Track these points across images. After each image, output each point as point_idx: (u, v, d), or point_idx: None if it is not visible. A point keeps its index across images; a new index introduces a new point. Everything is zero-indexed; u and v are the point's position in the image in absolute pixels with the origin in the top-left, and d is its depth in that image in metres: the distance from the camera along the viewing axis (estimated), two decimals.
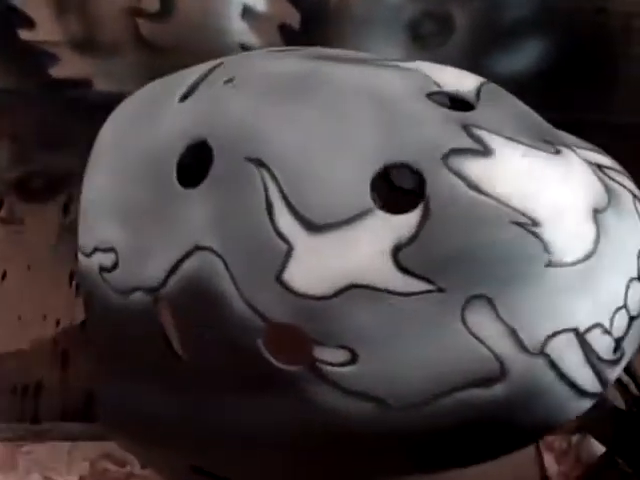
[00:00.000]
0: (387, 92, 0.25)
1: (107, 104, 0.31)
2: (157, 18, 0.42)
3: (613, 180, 0.28)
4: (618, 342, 0.25)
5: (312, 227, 0.23)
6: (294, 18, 0.41)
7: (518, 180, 0.24)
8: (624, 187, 0.28)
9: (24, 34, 0.43)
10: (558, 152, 0.26)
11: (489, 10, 0.40)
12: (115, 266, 0.26)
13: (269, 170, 0.24)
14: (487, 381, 0.24)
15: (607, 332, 0.25)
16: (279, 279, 0.23)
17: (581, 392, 0.25)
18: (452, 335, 0.23)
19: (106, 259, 0.27)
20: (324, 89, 0.25)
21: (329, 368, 0.24)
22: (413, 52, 0.42)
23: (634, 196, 0.28)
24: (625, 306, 0.25)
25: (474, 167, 0.24)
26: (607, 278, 0.25)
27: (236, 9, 0.41)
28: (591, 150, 0.29)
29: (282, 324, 0.24)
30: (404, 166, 0.24)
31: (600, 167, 0.28)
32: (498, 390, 0.24)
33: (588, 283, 0.25)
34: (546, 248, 0.24)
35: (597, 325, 0.25)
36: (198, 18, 0.42)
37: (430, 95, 0.25)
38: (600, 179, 0.27)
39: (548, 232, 0.24)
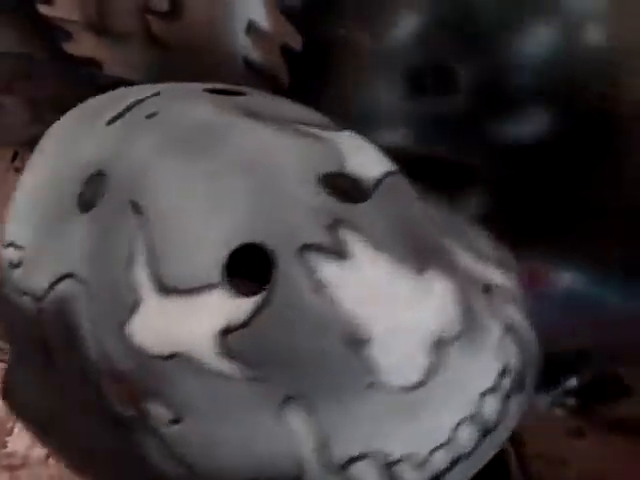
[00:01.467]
0: (276, 167, 0.25)
1: (116, 87, 0.32)
2: (167, 17, 0.42)
3: (487, 308, 0.27)
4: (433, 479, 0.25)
5: (162, 287, 0.24)
6: (296, 41, 0.40)
7: (360, 294, 0.24)
8: (496, 318, 0.27)
9: (42, 8, 0.44)
10: (421, 272, 0.25)
11: (493, 72, 0.38)
12: (19, 265, 0.28)
13: (143, 218, 0.24)
14: None
15: (420, 467, 0.24)
16: (123, 329, 0.24)
17: None
18: (266, 428, 0.24)
19: (14, 255, 0.28)
20: (220, 151, 0.25)
21: (156, 422, 0.25)
22: (414, 102, 0.40)
23: (507, 329, 0.27)
24: (449, 444, 0.25)
25: (325, 269, 0.23)
26: (433, 413, 0.25)
27: (241, 23, 0.41)
28: (492, 265, 0.28)
29: (123, 371, 0.24)
30: (262, 248, 0.24)
31: (487, 288, 0.27)
32: None
33: (410, 413, 0.24)
34: (371, 369, 0.24)
35: (409, 457, 0.24)
36: (205, 24, 0.42)
37: (326, 176, 0.25)
38: (464, 308, 0.26)
39: (377, 353, 0.24)
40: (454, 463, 0.25)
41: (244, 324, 0.23)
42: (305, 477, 0.24)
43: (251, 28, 0.41)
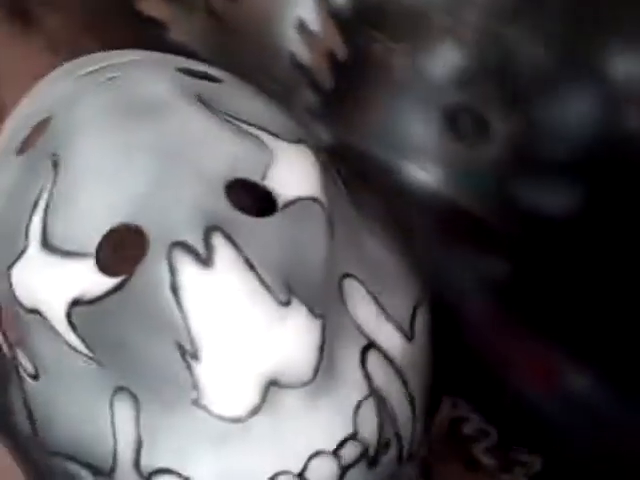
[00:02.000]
0: (193, 160, 0.24)
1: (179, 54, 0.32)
2: None
3: (355, 368, 0.25)
4: None
5: (45, 242, 0.24)
6: (341, 49, 0.38)
7: (207, 306, 0.23)
8: (361, 381, 0.25)
9: None
10: (284, 305, 0.23)
11: (527, 131, 0.35)
12: None
13: (56, 171, 0.24)
14: (94, 471, 0.24)
15: None
16: (9, 272, 0.24)
17: None
18: (97, 411, 0.24)
19: None
20: (150, 128, 0.24)
21: (23, 373, 0.25)
22: (444, 140, 0.37)
23: (373, 397, 0.25)
24: None
25: (187, 271, 0.23)
26: (249, 454, 0.24)
27: (292, 20, 0.39)
28: (391, 324, 0.26)
29: (5, 312, 0.25)
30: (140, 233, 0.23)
31: (367, 347, 0.26)
32: None
33: (224, 446, 0.24)
34: (196, 386, 0.23)
35: None
36: (259, 11, 0.40)
37: (238, 181, 0.24)
38: (322, 359, 0.24)
39: (205, 372, 0.23)
40: None
41: (92, 301, 0.23)
42: (116, 474, 0.24)
43: (301, 26, 0.39)
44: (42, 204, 0.24)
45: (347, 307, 0.25)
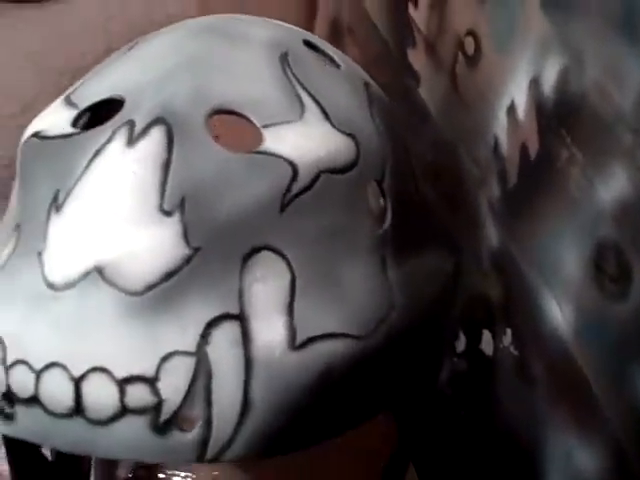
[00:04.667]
0: (220, 69, 0.27)
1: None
2: (470, 61, 0.39)
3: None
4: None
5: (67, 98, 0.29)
6: (534, 146, 0.34)
7: (108, 172, 0.25)
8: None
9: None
10: (166, 213, 0.24)
11: None
12: None
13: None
14: None
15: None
16: None
17: None
18: None
19: None
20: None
21: None
22: (586, 280, 0.31)
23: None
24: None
25: (118, 140, 0.25)
26: (45, 328, 0.25)
27: (506, 101, 0.36)
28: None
29: None
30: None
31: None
32: None
33: (31, 308, 0.25)
34: (45, 237, 0.25)
35: None
36: (489, 86, 0.38)
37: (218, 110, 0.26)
38: (167, 279, 0.24)
39: (55, 225, 0.25)
40: None
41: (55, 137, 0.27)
42: None
43: (510, 110, 0.36)
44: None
45: (241, 272, 0.24)
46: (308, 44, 0.30)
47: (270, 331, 0.24)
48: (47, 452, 0.33)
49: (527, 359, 0.36)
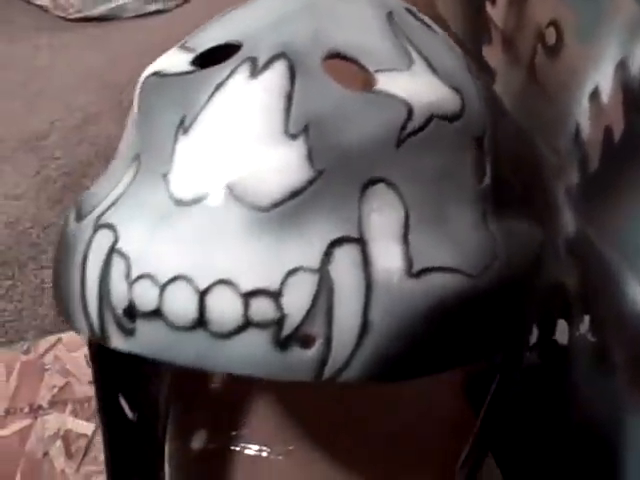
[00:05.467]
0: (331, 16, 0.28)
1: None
2: (550, 51, 0.39)
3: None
4: None
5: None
6: (619, 128, 0.34)
7: (234, 98, 0.26)
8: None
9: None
10: (292, 136, 0.25)
11: None
12: None
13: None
14: None
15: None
16: None
17: None
18: None
19: None
20: None
21: None
22: None
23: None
24: None
25: (241, 73, 0.26)
26: (171, 243, 0.25)
27: (590, 88, 0.36)
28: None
29: None
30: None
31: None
32: None
33: (157, 224, 0.26)
34: (171, 159, 0.26)
35: None
36: (570, 74, 0.38)
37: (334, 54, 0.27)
38: (296, 196, 0.25)
39: (183, 147, 0.26)
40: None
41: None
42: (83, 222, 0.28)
43: (594, 95, 0.36)
44: None
45: (359, 200, 0.25)
46: (409, 11, 0.31)
47: (388, 257, 0.25)
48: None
49: (607, 346, 0.35)
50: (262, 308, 0.24)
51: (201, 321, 0.24)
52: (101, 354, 0.33)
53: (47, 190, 0.90)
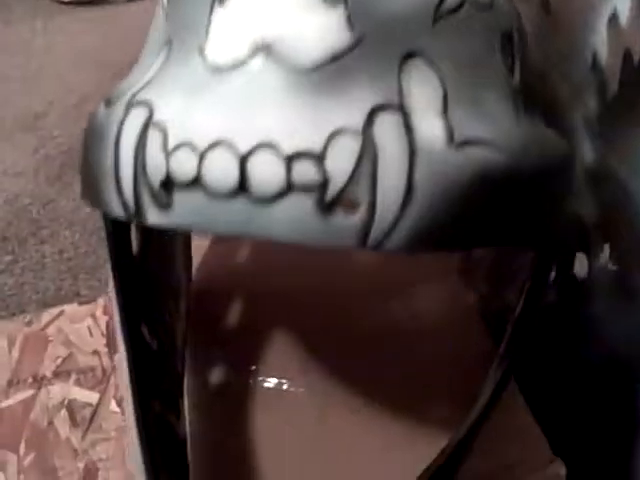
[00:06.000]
0: None
1: None
2: None
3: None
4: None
5: None
6: (639, 50, 0.33)
7: None
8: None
9: None
10: (331, 3, 0.25)
11: None
12: None
13: None
14: None
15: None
16: None
17: None
18: None
19: None
20: None
21: None
22: None
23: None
24: None
25: None
26: (211, 110, 0.25)
27: (606, 13, 0.35)
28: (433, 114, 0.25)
29: None
30: None
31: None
32: None
33: (193, 95, 0.25)
34: (207, 31, 0.26)
35: None
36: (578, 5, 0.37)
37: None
38: (334, 61, 0.25)
39: (219, 17, 0.26)
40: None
41: None
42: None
43: (612, 20, 0.35)
44: None
45: (399, 71, 0.25)
46: None
47: (429, 126, 0.24)
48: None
49: (629, 271, 0.35)
50: (304, 171, 0.23)
51: (242, 187, 0.23)
52: (124, 273, 0.33)
53: (46, 168, 0.90)
